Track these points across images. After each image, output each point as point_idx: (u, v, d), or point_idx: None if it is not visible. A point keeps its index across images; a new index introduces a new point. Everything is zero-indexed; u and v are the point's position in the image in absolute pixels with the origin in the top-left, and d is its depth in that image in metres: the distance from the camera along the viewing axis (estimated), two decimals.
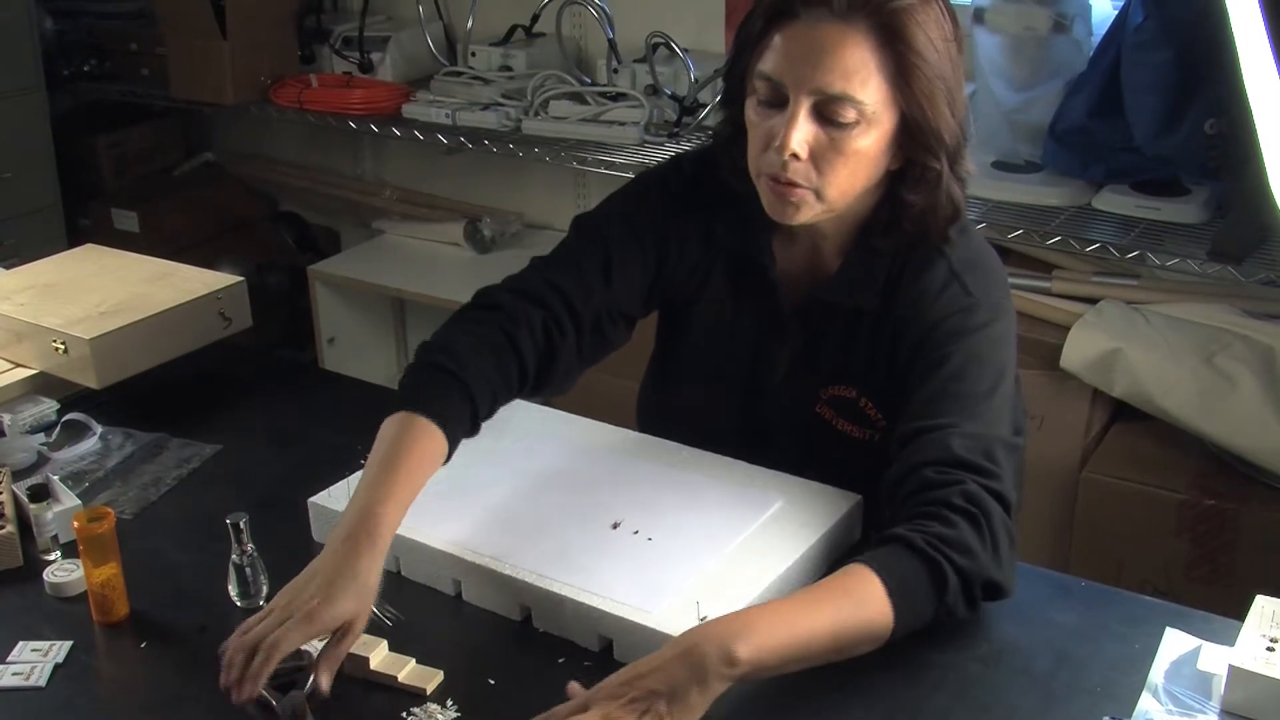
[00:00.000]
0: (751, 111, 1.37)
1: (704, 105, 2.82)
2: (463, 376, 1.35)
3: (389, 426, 1.31)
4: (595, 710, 1.06)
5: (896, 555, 1.21)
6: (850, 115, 1.30)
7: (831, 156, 1.32)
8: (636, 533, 1.36)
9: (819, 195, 1.34)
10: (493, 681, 1.20)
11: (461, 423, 1.34)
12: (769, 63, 1.33)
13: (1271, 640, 1.16)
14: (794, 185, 1.33)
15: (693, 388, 1.58)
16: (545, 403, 1.60)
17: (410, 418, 1.31)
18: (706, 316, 1.54)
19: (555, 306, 1.44)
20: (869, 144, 1.32)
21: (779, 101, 1.33)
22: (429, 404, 1.32)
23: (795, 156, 1.31)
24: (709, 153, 1.51)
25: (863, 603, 1.17)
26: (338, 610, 1.15)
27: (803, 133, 1.31)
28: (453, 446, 1.33)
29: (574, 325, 1.45)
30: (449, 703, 1.18)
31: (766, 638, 1.11)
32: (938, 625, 1.22)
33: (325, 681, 1.15)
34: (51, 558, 1.41)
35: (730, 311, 1.52)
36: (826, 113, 1.30)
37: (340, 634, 1.16)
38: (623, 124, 2.86)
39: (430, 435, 1.30)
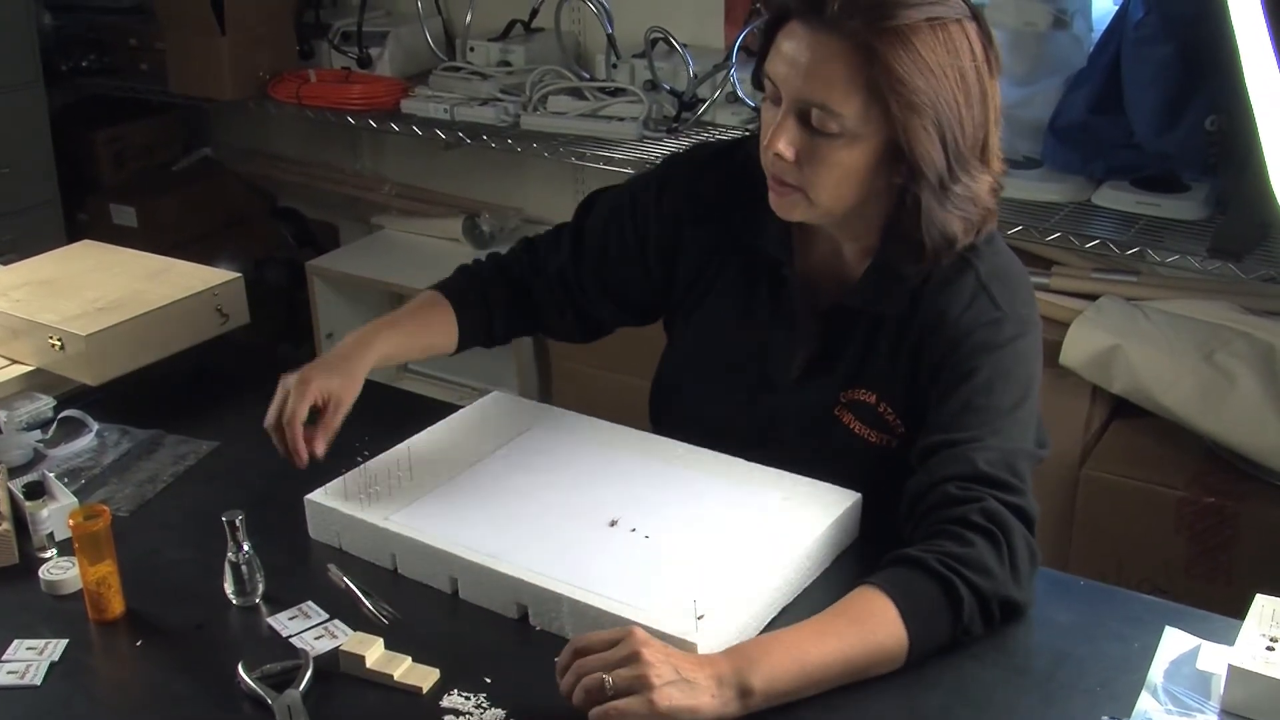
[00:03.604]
0: (763, 108, 1.37)
1: (703, 100, 2.82)
2: (478, 284, 1.60)
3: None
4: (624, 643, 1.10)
5: (910, 577, 1.21)
6: (833, 126, 1.29)
7: (815, 163, 1.31)
8: (634, 530, 1.35)
9: (808, 198, 1.34)
10: (489, 680, 1.19)
11: (472, 310, 1.58)
12: (770, 62, 1.33)
13: (1271, 640, 1.16)
14: (784, 184, 1.34)
15: (701, 380, 1.57)
16: (544, 399, 1.60)
17: (428, 293, 1.58)
18: (719, 307, 1.54)
19: (524, 273, 1.62)
20: (853, 158, 1.30)
21: (779, 100, 1.33)
22: (446, 286, 1.59)
23: (780, 157, 1.32)
24: (737, 144, 1.53)
25: (876, 628, 1.17)
26: (327, 383, 1.42)
27: (787, 134, 1.31)
28: (464, 330, 1.57)
29: (547, 287, 1.61)
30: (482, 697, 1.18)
31: (779, 669, 1.13)
32: (954, 645, 1.21)
33: (320, 448, 1.42)
34: (47, 555, 1.40)
35: (743, 304, 1.52)
36: (812, 120, 1.30)
37: (332, 408, 1.42)
38: (621, 119, 2.86)
39: (440, 305, 1.56)
